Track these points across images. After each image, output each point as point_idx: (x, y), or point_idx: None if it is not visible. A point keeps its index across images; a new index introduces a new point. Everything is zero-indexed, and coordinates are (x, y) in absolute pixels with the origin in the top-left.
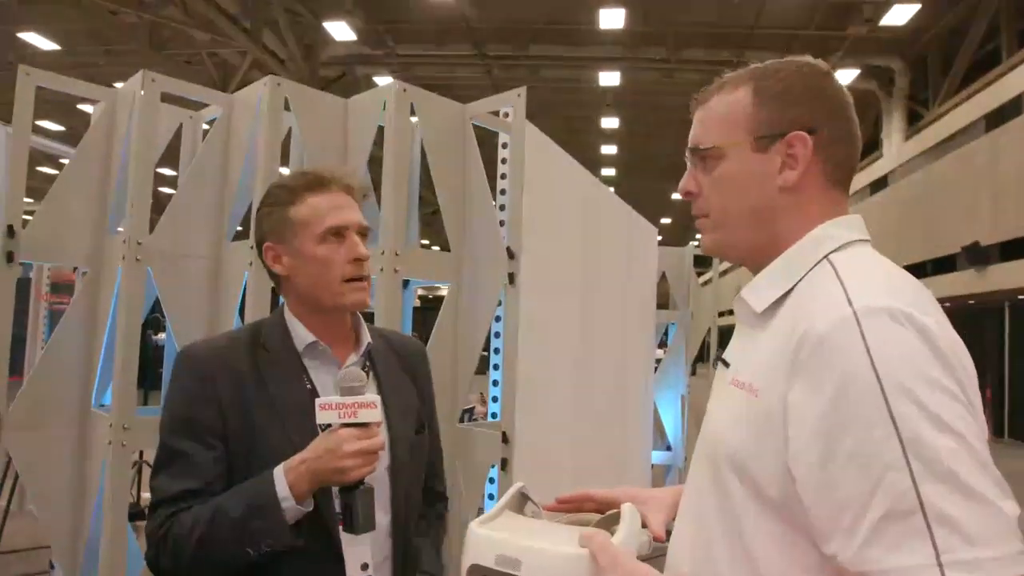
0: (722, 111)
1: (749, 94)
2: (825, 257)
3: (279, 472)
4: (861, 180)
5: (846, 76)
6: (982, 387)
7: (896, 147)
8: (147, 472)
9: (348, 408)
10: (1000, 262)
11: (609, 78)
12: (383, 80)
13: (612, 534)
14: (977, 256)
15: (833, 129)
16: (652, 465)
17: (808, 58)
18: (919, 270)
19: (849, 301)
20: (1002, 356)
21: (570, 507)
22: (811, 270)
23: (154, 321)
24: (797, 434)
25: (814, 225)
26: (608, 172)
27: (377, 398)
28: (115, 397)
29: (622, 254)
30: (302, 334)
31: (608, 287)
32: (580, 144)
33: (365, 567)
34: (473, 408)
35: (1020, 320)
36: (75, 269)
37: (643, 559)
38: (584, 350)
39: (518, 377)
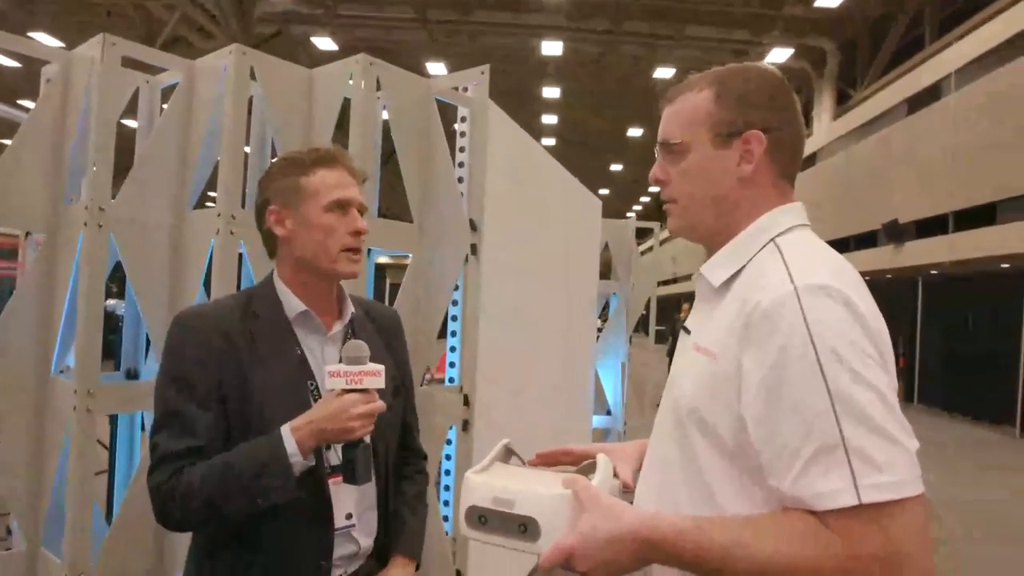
0: (688, 110)
1: (712, 95)
2: (772, 240)
3: (286, 431)
4: None
5: (780, 54)
6: (896, 356)
7: (825, 126)
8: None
9: (354, 375)
10: (916, 239)
11: (552, 47)
12: (321, 40)
13: (590, 480)
14: (895, 233)
15: (784, 129)
16: (593, 429)
17: (765, 64)
18: (843, 245)
19: (791, 279)
20: (915, 327)
21: (549, 461)
22: (759, 251)
23: (106, 288)
24: (748, 390)
25: (764, 212)
26: (548, 142)
27: (381, 367)
28: (78, 363)
29: (568, 226)
30: (293, 303)
31: (555, 258)
32: (521, 113)
33: (349, 516)
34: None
35: (931, 294)
36: (28, 234)
37: None
38: (536, 318)
39: (479, 343)
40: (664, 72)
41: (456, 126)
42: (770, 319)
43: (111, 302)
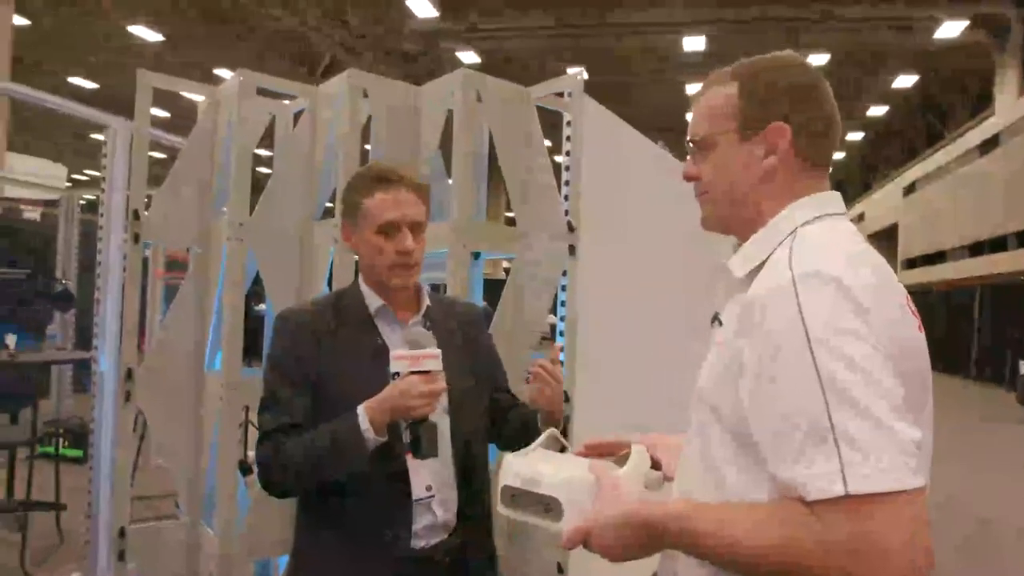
0: (713, 105)
1: (735, 90)
2: (793, 231)
3: (361, 411)
4: (970, 140)
5: (953, 28)
6: None
7: (1009, 104)
8: (252, 432)
9: (414, 359)
10: None
11: (693, 43)
12: (464, 55)
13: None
14: None
15: (809, 119)
16: None
17: (789, 53)
18: None
19: (791, 267)
20: None
21: (595, 451)
22: (783, 241)
23: (254, 293)
24: (745, 378)
25: (790, 203)
26: None
27: (439, 351)
28: (223, 360)
29: (686, 223)
30: (373, 300)
31: (672, 258)
32: (664, 109)
33: (429, 488)
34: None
35: None
36: (188, 248)
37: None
38: (646, 319)
39: (578, 342)
40: (815, 59)
41: (564, 131)
42: (766, 308)
43: (262, 306)
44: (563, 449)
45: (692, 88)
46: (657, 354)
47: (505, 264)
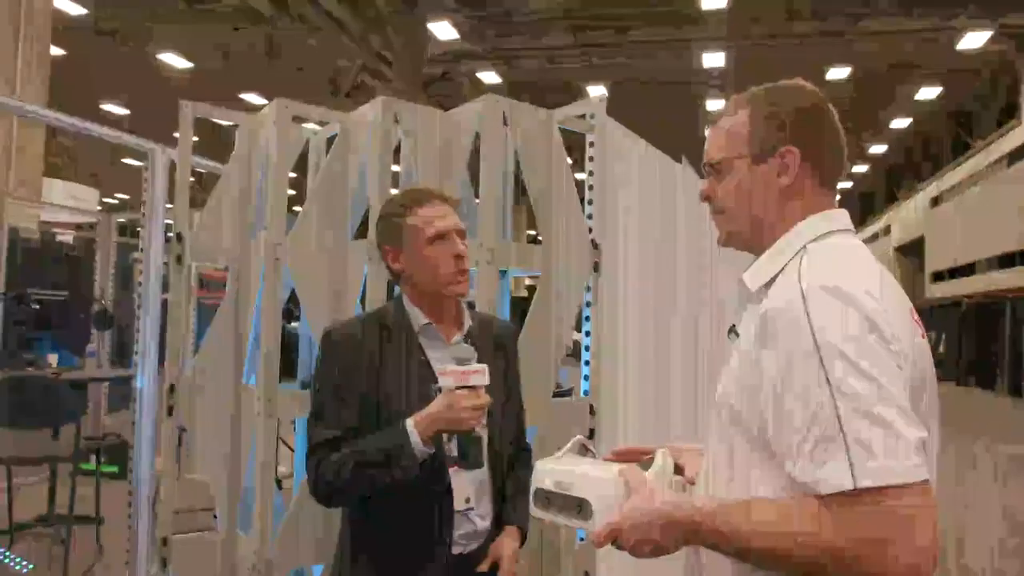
0: (726, 131)
1: (746, 116)
2: (804, 246)
3: (410, 423)
4: (996, 151)
5: (977, 39)
6: None
7: None
8: (283, 449)
9: (463, 375)
10: None
11: (713, 59)
12: (486, 75)
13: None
14: None
15: (818, 142)
16: None
17: (799, 81)
18: None
19: (800, 282)
20: None
21: (622, 457)
22: (794, 256)
23: (287, 311)
24: (764, 386)
25: (802, 221)
26: None
27: (484, 366)
28: (260, 375)
29: (703, 238)
30: (418, 317)
31: (679, 267)
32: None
33: (468, 500)
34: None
35: None
36: (226, 268)
37: None
38: (670, 334)
39: (603, 357)
40: (837, 73)
41: (587, 151)
42: (779, 320)
43: (294, 324)
44: (591, 455)
45: (713, 105)
46: (663, 364)
47: (528, 281)
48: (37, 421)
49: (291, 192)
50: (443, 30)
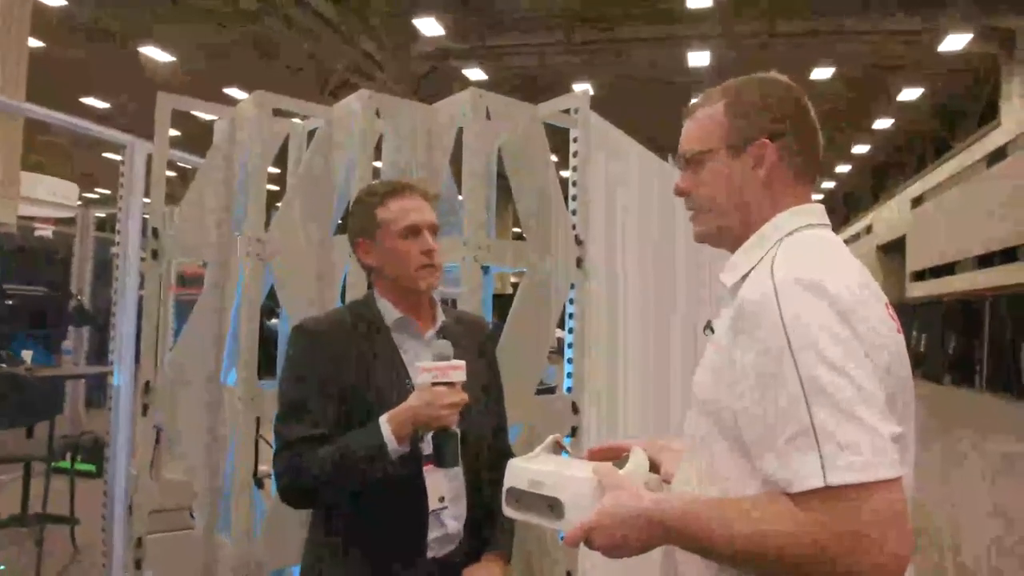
0: (702, 123)
1: (722, 108)
2: (778, 241)
3: (383, 421)
4: (978, 151)
5: (959, 40)
6: None
7: (1017, 115)
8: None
9: (441, 370)
10: None
11: (699, 58)
12: (472, 72)
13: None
14: None
15: (794, 134)
16: None
17: (774, 74)
18: None
19: (772, 276)
20: None
21: (599, 455)
22: (768, 251)
23: (267, 308)
24: (737, 381)
25: (777, 215)
26: None
27: (463, 362)
28: (239, 372)
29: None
30: (390, 312)
31: (676, 269)
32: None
33: (442, 499)
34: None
35: None
36: (204, 263)
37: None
38: (654, 331)
39: (602, 356)
40: (821, 73)
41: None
42: (750, 315)
43: (274, 321)
44: (564, 453)
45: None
46: (662, 364)
47: (512, 278)
48: (7, 421)
49: (272, 188)
50: (431, 27)
